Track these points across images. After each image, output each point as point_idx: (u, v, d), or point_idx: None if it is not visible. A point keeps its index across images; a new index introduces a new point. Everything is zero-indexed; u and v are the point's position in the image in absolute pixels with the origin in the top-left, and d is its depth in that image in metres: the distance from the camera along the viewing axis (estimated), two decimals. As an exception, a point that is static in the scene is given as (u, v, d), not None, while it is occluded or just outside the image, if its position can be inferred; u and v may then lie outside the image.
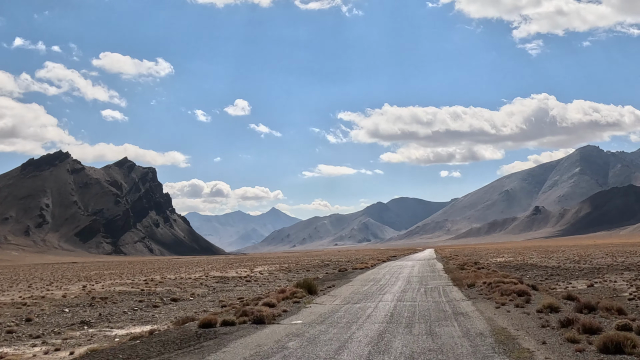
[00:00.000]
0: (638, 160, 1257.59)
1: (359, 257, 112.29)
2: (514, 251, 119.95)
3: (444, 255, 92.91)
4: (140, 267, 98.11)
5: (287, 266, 78.31)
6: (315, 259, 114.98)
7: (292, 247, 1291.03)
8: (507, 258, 79.23)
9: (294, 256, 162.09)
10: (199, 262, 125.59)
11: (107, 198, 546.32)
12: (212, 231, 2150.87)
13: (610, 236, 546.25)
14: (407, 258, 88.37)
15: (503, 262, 66.10)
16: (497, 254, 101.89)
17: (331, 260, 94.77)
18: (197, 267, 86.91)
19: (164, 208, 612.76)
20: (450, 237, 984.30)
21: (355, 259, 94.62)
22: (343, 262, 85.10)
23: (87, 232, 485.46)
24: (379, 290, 28.27)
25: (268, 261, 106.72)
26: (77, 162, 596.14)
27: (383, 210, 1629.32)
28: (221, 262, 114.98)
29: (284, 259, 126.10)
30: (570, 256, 77.43)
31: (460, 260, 63.52)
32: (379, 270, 50.08)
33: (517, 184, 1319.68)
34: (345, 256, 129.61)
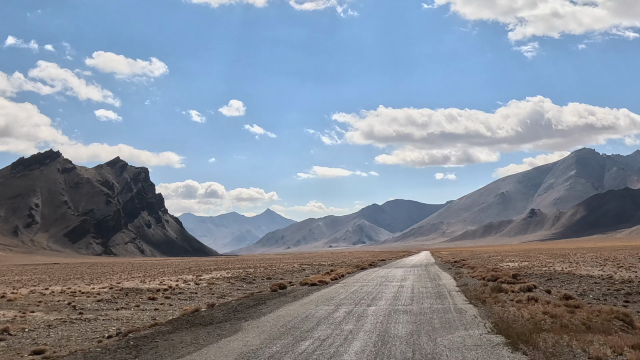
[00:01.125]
0: (633, 163, 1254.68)
1: (346, 260, 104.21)
2: (520, 254, 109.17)
3: (445, 260, 78.10)
4: (95, 271, 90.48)
5: (249, 272, 62.35)
6: (298, 261, 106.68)
7: (286, 249, 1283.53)
8: (520, 263, 65.78)
9: (278, 259, 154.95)
10: (167, 265, 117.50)
11: (98, 198, 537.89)
12: (207, 232, 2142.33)
13: (606, 239, 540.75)
14: (397, 264, 69.65)
15: (523, 269, 50.65)
16: (502, 257, 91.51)
17: (312, 264, 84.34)
18: (141, 272, 75.21)
19: (156, 208, 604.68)
20: (446, 240, 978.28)
21: (340, 262, 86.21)
22: (325, 265, 75.65)
23: (77, 232, 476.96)
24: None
25: (237, 265, 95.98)
26: (68, 161, 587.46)
27: (378, 212, 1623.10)
28: (192, 265, 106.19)
29: (262, 261, 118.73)
30: (600, 261, 61.93)
31: (473, 267, 47.02)
32: (343, 288, 29.45)
33: (512, 186, 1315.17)
34: (331, 259, 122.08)
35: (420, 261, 77.52)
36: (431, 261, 76.18)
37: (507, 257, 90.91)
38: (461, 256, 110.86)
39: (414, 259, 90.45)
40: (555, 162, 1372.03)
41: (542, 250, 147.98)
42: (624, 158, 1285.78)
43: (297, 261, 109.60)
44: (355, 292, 26.50)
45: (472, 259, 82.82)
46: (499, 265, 57.09)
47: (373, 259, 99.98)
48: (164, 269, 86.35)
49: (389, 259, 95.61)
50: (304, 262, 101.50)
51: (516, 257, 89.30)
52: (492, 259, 78.97)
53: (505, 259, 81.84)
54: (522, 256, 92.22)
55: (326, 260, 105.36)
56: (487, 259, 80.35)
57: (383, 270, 49.86)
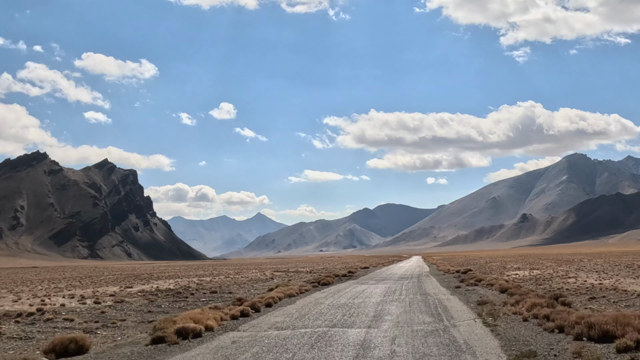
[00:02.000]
0: (624, 168, 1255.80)
1: (330, 265, 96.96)
2: (520, 260, 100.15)
3: (442, 269, 63.79)
4: (55, 275, 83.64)
5: (201, 282, 48.53)
6: (276, 267, 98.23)
7: (277, 253, 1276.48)
8: (530, 271, 52.95)
9: (259, 264, 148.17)
10: (129, 270, 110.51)
11: (85, 200, 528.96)
12: (197, 236, 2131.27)
13: (598, 245, 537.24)
14: (382, 273, 55.46)
15: (544, 280, 38.75)
16: (503, 263, 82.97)
17: (287, 271, 71.59)
18: (83, 279, 63.09)
19: (145, 211, 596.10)
20: (437, 245, 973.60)
21: (322, 268, 77.97)
22: (303, 272, 66.59)
23: (63, 235, 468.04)
24: None
25: (204, 271, 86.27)
26: (55, 163, 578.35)
27: (369, 216, 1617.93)
28: (153, 271, 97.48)
29: (239, 267, 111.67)
30: (623, 269, 52.06)
31: (491, 282, 34.10)
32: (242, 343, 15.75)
33: (504, 191, 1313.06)
34: (315, 264, 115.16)
35: (411, 269, 64.38)
36: (424, 269, 64.13)
37: (507, 263, 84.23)
38: (456, 261, 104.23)
39: (404, 266, 79.32)
40: (546, 167, 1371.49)
41: (540, 256, 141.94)
42: (615, 163, 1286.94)
43: (276, 266, 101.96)
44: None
45: (470, 265, 76.48)
46: (508, 275, 47.63)
47: (358, 265, 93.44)
48: (116, 275, 78.74)
49: (376, 266, 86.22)
50: (283, 267, 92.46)
51: (518, 263, 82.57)
52: (493, 266, 72.29)
53: (506, 265, 74.97)
54: (524, 262, 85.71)
55: (308, 266, 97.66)
56: (484, 266, 73.91)
57: (355, 288, 35.05)
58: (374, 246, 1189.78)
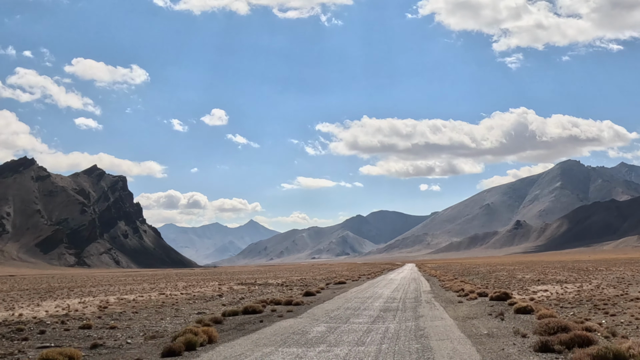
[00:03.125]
0: (618, 175, 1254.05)
1: (314, 275, 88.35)
2: (529, 269, 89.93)
3: (445, 282, 50.29)
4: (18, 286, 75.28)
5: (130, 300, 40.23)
6: (245, 277, 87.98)
7: (269, 260, 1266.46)
8: (563, 286, 42.07)
9: (237, 272, 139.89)
10: (98, 279, 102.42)
11: (73, 207, 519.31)
12: (189, 243, 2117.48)
13: (593, 251, 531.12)
14: (366, 291, 42.30)
15: (595, 302, 28.67)
16: (510, 273, 72.03)
17: (253, 284, 60.04)
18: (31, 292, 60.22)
19: (134, 218, 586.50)
20: (430, 252, 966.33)
21: (299, 280, 68.34)
22: (273, 285, 56.56)
23: (49, 242, 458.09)
24: None
25: (166, 282, 76.93)
26: (42, 169, 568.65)
27: (362, 223, 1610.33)
28: (125, 280, 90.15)
29: (207, 276, 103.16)
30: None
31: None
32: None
33: (497, 197, 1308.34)
34: (296, 274, 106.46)
35: (405, 285, 49.32)
36: (422, 285, 48.31)
37: (514, 272, 75.77)
38: (454, 270, 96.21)
39: (394, 279, 63.26)
40: (540, 174, 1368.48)
41: (542, 264, 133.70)
42: (608, 170, 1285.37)
43: (252, 276, 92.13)
44: None
45: (472, 274, 68.30)
46: (534, 293, 36.78)
47: (345, 274, 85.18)
48: (76, 284, 70.90)
49: (363, 277, 72.84)
50: (251, 278, 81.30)
51: (527, 272, 74.04)
52: (500, 276, 63.80)
53: (515, 275, 66.28)
54: (534, 271, 77.27)
55: (287, 276, 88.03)
56: (488, 276, 65.60)
57: (312, 331, 19.88)
58: (367, 253, 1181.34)
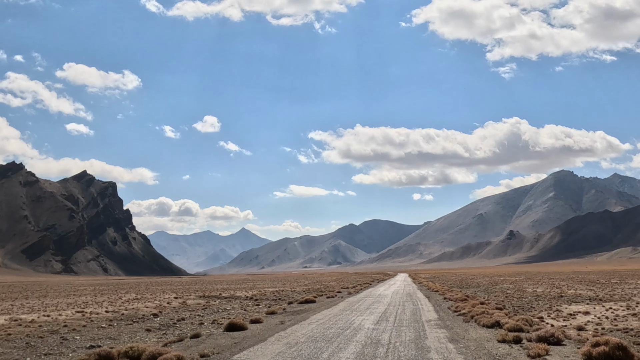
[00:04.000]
0: (611, 186, 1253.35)
1: (289, 288, 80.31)
2: (538, 281, 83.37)
3: (453, 299, 40.34)
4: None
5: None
6: (226, 287, 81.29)
7: (260, 269, 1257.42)
8: (604, 309, 34.01)
9: (212, 282, 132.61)
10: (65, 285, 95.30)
11: (61, 213, 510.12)
12: (180, 251, 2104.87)
13: (587, 262, 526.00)
14: (336, 318, 28.27)
15: None
16: (518, 286, 66.39)
17: (218, 296, 54.68)
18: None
19: (123, 225, 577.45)
20: (423, 261, 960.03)
21: (272, 293, 59.94)
22: (241, 299, 49.18)
23: (36, 249, 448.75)
24: None
25: (118, 293, 71.29)
26: (31, 174, 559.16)
27: (355, 232, 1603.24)
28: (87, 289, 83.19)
29: (174, 286, 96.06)
30: None
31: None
32: None
33: (490, 207, 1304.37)
34: (282, 283, 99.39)
35: (398, 303, 38.53)
36: (424, 307, 35.06)
37: (521, 285, 68.89)
38: (449, 281, 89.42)
39: (386, 294, 51.72)
40: (533, 184, 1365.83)
41: (544, 275, 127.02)
42: (601, 181, 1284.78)
43: (221, 287, 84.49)
44: None
45: (471, 287, 61.32)
46: (573, 314, 30.03)
47: (332, 284, 78.26)
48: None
49: (346, 290, 61.42)
50: (223, 289, 73.51)
51: (539, 286, 66.97)
52: (506, 289, 56.79)
53: (525, 288, 59.36)
54: (540, 283, 70.46)
55: (263, 287, 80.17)
56: (491, 288, 58.72)
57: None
58: (359, 263, 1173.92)
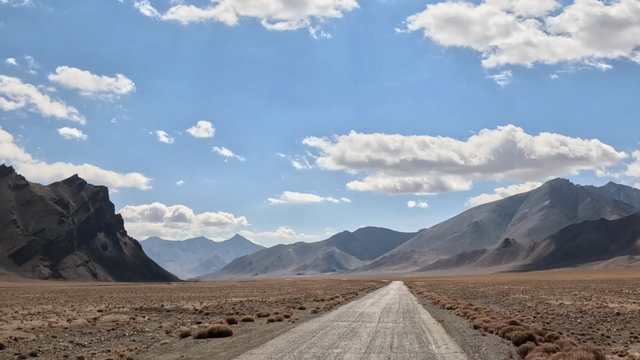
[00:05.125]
0: (607, 194, 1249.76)
1: (273, 296, 73.71)
2: (550, 291, 76.49)
3: (494, 329, 25.08)
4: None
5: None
6: (189, 296, 74.04)
7: (254, 276, 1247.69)
8: None
9: (209, 288, 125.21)
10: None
11: (51, 217, 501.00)
12: (173, 257, 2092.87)
13: (584, 271, 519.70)
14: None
15: None
16: (534, 296, 58.24)
17: (160, 309, 46.58)
18: None
19: (115, 230, 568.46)
20: (418, 269, 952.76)
21: (228, 307, 53.75)
22: (186, 313, 41.46)
23: (24, 253, 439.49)
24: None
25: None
26: (21, 177, 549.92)
27: (349, 239, 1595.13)
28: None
29: (167, 292, 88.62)
30: None
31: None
32: None
33: (486, 215, 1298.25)
34: (258, 292, 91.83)
35: (390, 325, 29.12)
36: (437, 342, 22.30)
37: (538, 295, 61.41)
38: (448, 290, 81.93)
39: (372, 310, 40.43)
40: (529, 192, 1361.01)
41: (549, 283, 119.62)
42: (597, 189, 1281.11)
43: (186, 295, 77.17)
44: None
45: (479, 298, 53.62)
46: None
47: (317, 293, 70.90)
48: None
49: (323, 302, 51.98)
50: (176, 298, 66.44)
51: (559, 296, 59.43)
52: (522, 300, 49.30)
53: (544, 299, 51.70)
54: (557, 293, 62.97)
55: (229, 296, 71.73)
56: (503, 299, 51.19)
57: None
58: (353, 270, 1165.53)
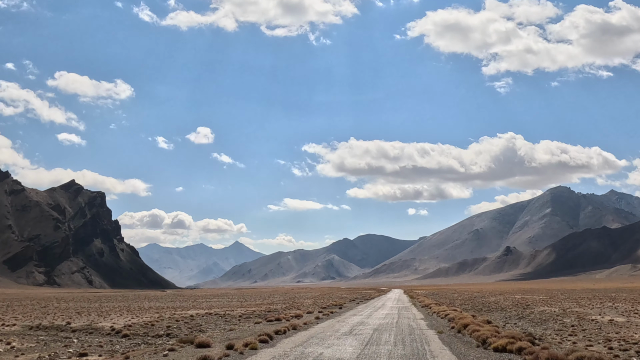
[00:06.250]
0: (608, 203, 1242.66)
1: (236, 308, 67.55)
2: (572, 300, 70.43)
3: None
4: None
5: None
6: (160, 306, 68.67)
7: (253, 283, 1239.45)
8: None
9: (198, 296, 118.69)
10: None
11: (46, 223, 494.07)
12: (172, 264, 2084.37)
13: (586, 280, 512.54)
14: None
15: None
16: (557, 306, 53.37)
17: (63, 327, 41.35)
18: None
19: (111, 236, 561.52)
20: (418, 277, 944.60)
21: (177, 322, 48.00)
22: (105, 334, 35.97)
23: (18, 259, 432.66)
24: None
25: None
26: (17, 183, 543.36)
27: (349, 246, 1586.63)
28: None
29: (143, 300, 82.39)
30: None
31: None
32: None
33: (487, 223, 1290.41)
34: (248, 301, 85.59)
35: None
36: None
37: (561, 305, 54.63)
38: (454, 299, 75.23)
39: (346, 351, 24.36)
40: (530, 200, 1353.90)
41: (564, 292, 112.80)
42: (598, 197, 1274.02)
43: (147, 305, 71.53)
44: None
45: (492, 309, 46.89)
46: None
47: (305, 305, 64.53)
48: None
49: (299, 317, 45.49)
50: (128, 309, 60.70)
51: (588, 307, 52.58)
52: (570, 319, 42.43)
53: (583, 315, 44.83)
54: (584, 304, 55.97)
55: (192, 307, 66.36)
56: (527, 312, 44.51)
57: None
58: (353, 278, 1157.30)
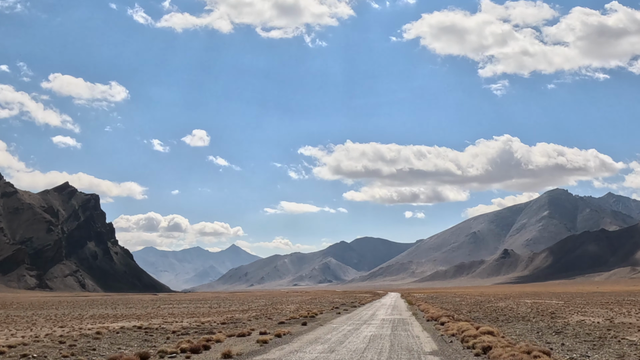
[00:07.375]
0: (605, 205, 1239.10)
1: (245, 310, 61.82)
2: (590, 303, 65.63)
3: None
4: None
5: None
6: (132, 314, 62.85)
7: (249, 286, 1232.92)
8: None
9: (193, 299, 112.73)
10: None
11: (39, 226, 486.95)
12: (168, 267, 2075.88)
13: (585, 282, 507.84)
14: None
15: None
16: (583, 314, 47.68)
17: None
18: None
19: (105, 239, 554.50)
20: (415, 280, 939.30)
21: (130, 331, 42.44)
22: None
23: (9, 263, 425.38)
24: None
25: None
26: (9, 185, 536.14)
27: (346, 250, 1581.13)
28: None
29: (131, 304, 76.44)
30: None
31: None
32: None
33: (484, 226, 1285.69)
34: (234, 306, 79.69)
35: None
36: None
37: (591, 311, 48.81)
38: (455, 303, 69.26)
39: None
40: (527, 202, 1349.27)
41: (571, 296, 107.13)
42: (596, 200, 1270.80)
43: (121, 312, 65.82)
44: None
45: (515, 321, 41.11)
46: None
47: (289, 311, 58.68)
48: None
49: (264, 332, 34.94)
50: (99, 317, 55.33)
51: (623, 315, 46.78)
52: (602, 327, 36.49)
53: (616, 316, 39.21)
54: (607, 308, 50.22)
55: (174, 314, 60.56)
56: (561, 324, 38.73)
57: None
58: (350, 281, 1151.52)
